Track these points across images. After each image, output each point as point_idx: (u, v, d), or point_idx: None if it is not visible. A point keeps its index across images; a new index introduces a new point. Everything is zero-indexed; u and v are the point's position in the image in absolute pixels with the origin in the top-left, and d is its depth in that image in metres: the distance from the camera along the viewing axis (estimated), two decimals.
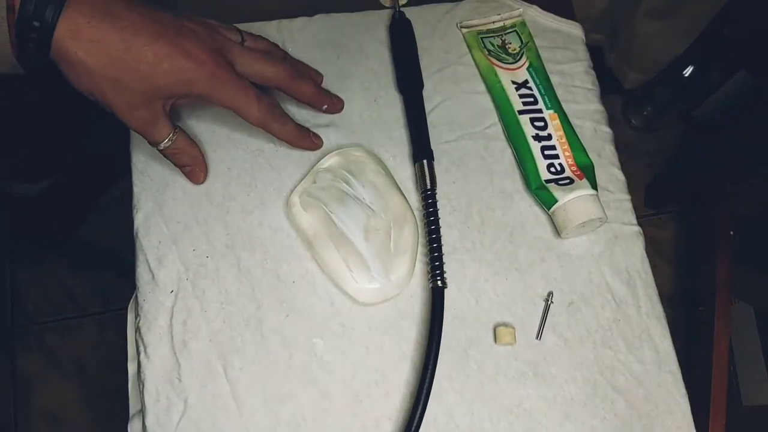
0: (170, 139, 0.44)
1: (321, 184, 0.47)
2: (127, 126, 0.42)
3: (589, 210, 0.47)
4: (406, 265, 0.47)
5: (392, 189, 0.48)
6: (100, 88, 0.39)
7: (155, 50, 0.39)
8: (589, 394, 0.46)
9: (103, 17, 0.37)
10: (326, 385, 0.44)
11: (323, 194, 0.47)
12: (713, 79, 1.14)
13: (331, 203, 0.46)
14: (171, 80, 0.40)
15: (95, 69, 0.38)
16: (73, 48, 0.37)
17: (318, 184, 0.47)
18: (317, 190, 0.47)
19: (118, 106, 0.40)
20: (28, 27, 0.35)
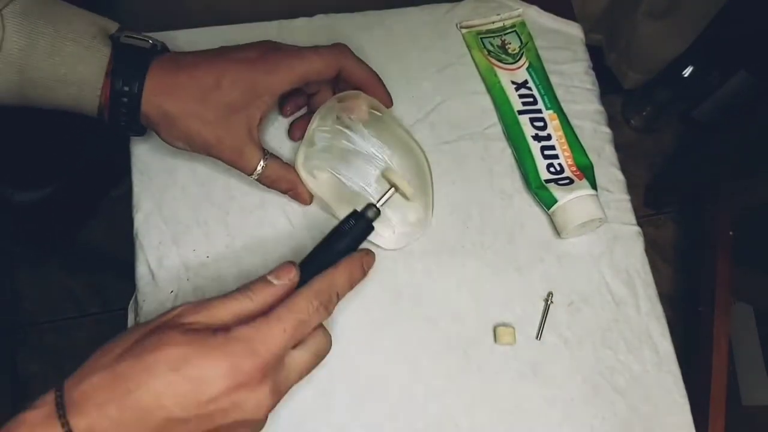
0: (263, 166, 0.44)
1: (320, 145, 0.46)
2: (222, 160, 0.44)
3: (589, 210, 0.47)
4: (424, 203, 0.47)
5: (392, 129, 0.47)
6: (186, 131, 0.42)
7: (218, 77, 0.42)
8: (589, 394, 0.46)
9: (176, 70, 0.42)
10: (327, 384, 0.44)
11: (326, 156, 0.46)
12: (713, 79, 1.14)
13: (336, 164, 0.46)
14: (237, 93, 0.42)
15: (176, 114, 0.41)
16: (155, 102, 0.41)
17: (317, 145, 0.46)
18: (318, 152, 0.46)
19: (207, 140, 0.42)
20: (119, 100, 0.41)
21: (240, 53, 0.43)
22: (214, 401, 0.31)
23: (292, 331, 0.33)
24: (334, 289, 0.36)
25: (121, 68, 0.41)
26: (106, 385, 0.31)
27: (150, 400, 0.30)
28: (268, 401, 0.32)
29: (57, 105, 0.41)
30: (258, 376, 0.32)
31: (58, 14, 0.39)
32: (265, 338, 0.32)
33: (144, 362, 0.31)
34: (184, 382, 0.31)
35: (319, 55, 0.44)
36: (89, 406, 0.30)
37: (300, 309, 0.34)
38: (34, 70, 0.39)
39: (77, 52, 0.39)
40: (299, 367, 0.35)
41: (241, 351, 0.31)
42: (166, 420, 0.31)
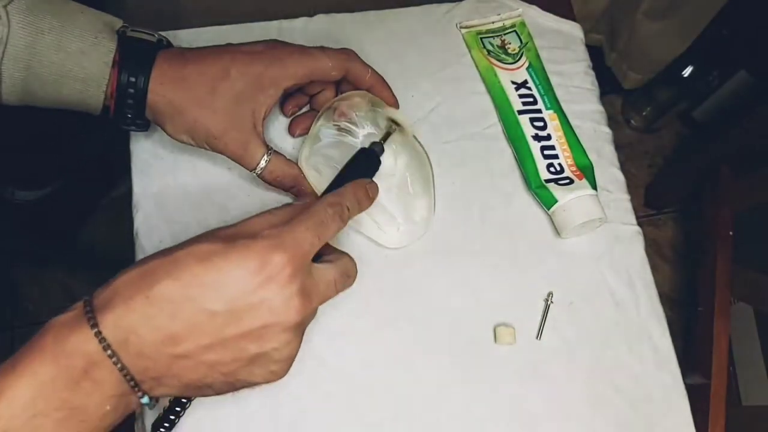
0: (266, 161, 0.44)
1: (326, 141, 0.47)
2: (225, 154, 0.44)
3: (589, 210, 0.47)
4: (427, 202, 0.47)
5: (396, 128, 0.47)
6: (192, 122, 0.42)
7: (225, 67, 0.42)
8: (589, 393, 0.46)
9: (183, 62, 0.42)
10: (328, 384, 0.44)
11: (331, 152, 0.46)
12: (713, 79, 1.14)
13: (343, 160, 0.46)
14: (244, 83, 0.42)
15: (182, 103, 0.42)
16: (162, 92, 0.41)
17: (323, 142, 0.47)
18: (324, 148, 0.46)
19: (212, 131, 0.42)
20: (125, 92, 0.41)
21: (247, 47, 0.43)
22: (243, 295, 0.31)
23: (314, 229, 0.34)
24: (344, 202, 0.37)
25: (127, 60, 0.41)
26: (134, 280, 0.31)
27: (177, 290, 0.30)
28: (297, 301, 0.32)
29: (61, 101, 0.41)
30: (287, 271, 0.31)
31: (62, 10, 0.40)
32: (290, 234, 0.33)
33: (173, 257, 0.31)
34: (212, 272, 0.30)
35: (326, 55, 0.44)
36: (116, 301, 0.30)
37: (317, 212, 0.35)
38: (39, 65, 0.39)
39: (83, 47, 0.39)
40: (327, 279, 0.35)
41: (268, 246, 0.31)
42: (195, 313, 0.30)
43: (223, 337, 0.31)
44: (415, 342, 0.46)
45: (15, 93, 0.40)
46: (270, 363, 0.33)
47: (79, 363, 0.29)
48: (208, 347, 0.31)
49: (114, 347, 0.30)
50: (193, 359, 0.31)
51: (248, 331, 0.31)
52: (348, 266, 0.37)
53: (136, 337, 0.30)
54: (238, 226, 0.34)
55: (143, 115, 0.43)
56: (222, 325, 0.31)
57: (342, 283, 0.36)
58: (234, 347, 0.31)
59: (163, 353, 0.31)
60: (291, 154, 0.49)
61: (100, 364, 0.30)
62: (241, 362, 0.32)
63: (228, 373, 0.32)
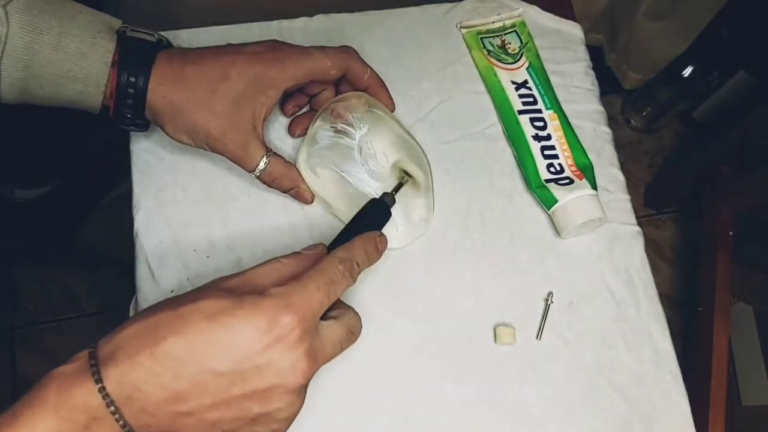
0: (265, 162, 0.44)
1: (323, 143, 0.47)
2: (225, 155, 0.44)
3: (589, 210, 0.47)
4: (426, 202, 0.47)
5: (393, 128, 0.47)
6: (192, 123, 0.42)
7: (225, 69, 0.42)
8: (589, 394, 0.46)
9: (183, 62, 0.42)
10: (327, 384, 0.44)
11: (329, 154, 0.46)
12: (713, 79, 1.14)
13: (340, 162, 0.46)
14: (244, 85, 0.42)
15: (182, 104, 0.41)
16: (161, 92, 0.41)
17: (321, 144, 0.47)
18: (322, 150, 0.46)
19: (212, 133, 0.42)
20: (125, 92, 0.41)
21: (247, 48, 0.43)
22: (250, 356, 0.30)
23: (325, 288, 0.33)
24: (354, 258, 0.36)
25: (127, 60, 0.41)
26: (139, 335, 0.30)
27: (183, 348, 0.30)
28: (303, 364, 0.31)
29: (61, 101, 0.41)
30: (295, 333, 0.31)
31: (62, 10, 0.39)
32: (300, 294, 0.32)
33: (179, 312, 0.31)
34: (220, 331, 0.30)
35: (326, 54, 0.44)
36: (121, 356, 0.30)
37: (328, 270, 0.34)
38: (38, 65, 0.39)
39: (81, 47, 0.39)
40: (334, 339, 0.34)
41: (277, 306, 0.31)
42: (200, 372, 0.30)
43: (228, 397, 0.31)
44: (415, 342, 0.46)
45: (14, 92, 0.40)
46: (272, 422, 0.33)
47: (82, 418, 0.29)
48: (211, 406, 0.31)
49: (117, 403, 0.29)
50: (195, 417, 0.31)
51: (253, 392, 0.31)
52: (353, 324, 0.36)
53: (140, 394, 0.30)
54: (245, 277, 0.33)
55: (143, 115, 0.43)
56: (227, 386, 0.30)
57: (347, 341, 0.35)
58: (238, 407, 0.31)
59: (166, 411, 0.30)
60: (290, 155, 0.49)
61: (102, 420, 0.29)
62: (244, 421, 0.32)
63: (229, 430, 0.32)
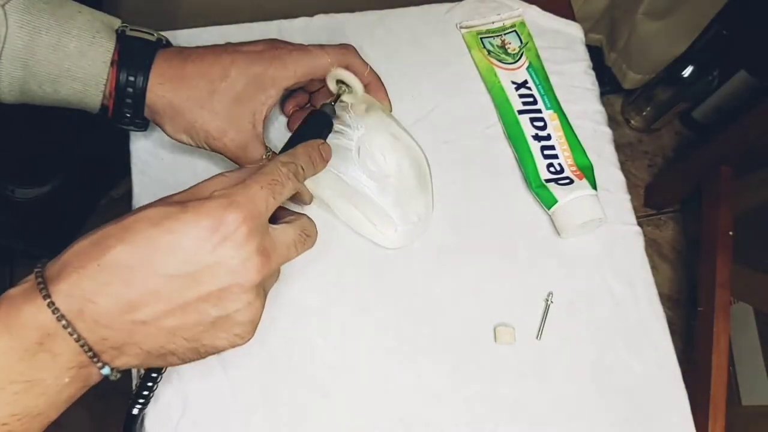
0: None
1: None
2: (224, 155, 0.44)
3: (589, 210, 0.47)
4: (425, 200, 0.47)
5: (390, 128, 0.47)
6: (191, 122, 0.42)
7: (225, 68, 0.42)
8: (589, 394, 0.45)
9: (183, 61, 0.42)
10: (328, 384, 0.44)
11: None
12: (713, 79, 1.14)
13: (337, 163, 0.46)
14: (244, 84, 0.42)
15: (182, 104, 0.41)
16: (161, 92, 0.41)
17: None
18: None
19: (211, 132, 0.42)
20: (124, 91, 0.41)
21: (247, 47, 0.43)
22: (199, 256, 0.30)
23: (269, 187, 0.33)
24: (297, 161, 0.36)
25: (126, 60, 0.41)
26: (85, 249, 0.30)
27: (130, 255, 0.29)
28: (255, 260, 0.31)
29: (60, 101, 0.41)
30: (242, 230, 0.31)
31: (61, 10, 0.39)
32: (243, 193, 0.32)
33: (123, 224, 0.30)
34: (166, 235, 0.30)
35: (325, 52, 0.44)
36: (68, 270, 0.29)
37: (271, 171, 0.34)
38: (38, 65, 0.39)
39: (80, 47, 0.39)
40: (287, 239, 0.34)
41: (221, 205, 0.31)
42: (150, 278, 0.30)
43: (183, 301, 0.30)
44: (415, 342, 0.46)
45: (13, 92, 0.40)
46: (234, 326, 0.32)
47: (33, 334, 0.29)
48: (167, 312, 0.30)
49: (68, 317, 0.29)
50: (153, 325, 0.30)
51: (207, 294, 0.31)
52: (306, 225, 0.36)
53: (92, 306, 0.29)
54: (191, 190, 0.33)
55: (142, 115, 0.43)
56: (180, 289, 0.30)
57: (302, 242, 0.35)
58: (194, 311, 0.31)
59: (121, 321, 0.30)
60: None
61: (56, 335, 0.29)
62: (204, 326, 0.31)
63: (191, 338, 0.32)
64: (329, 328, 0.46)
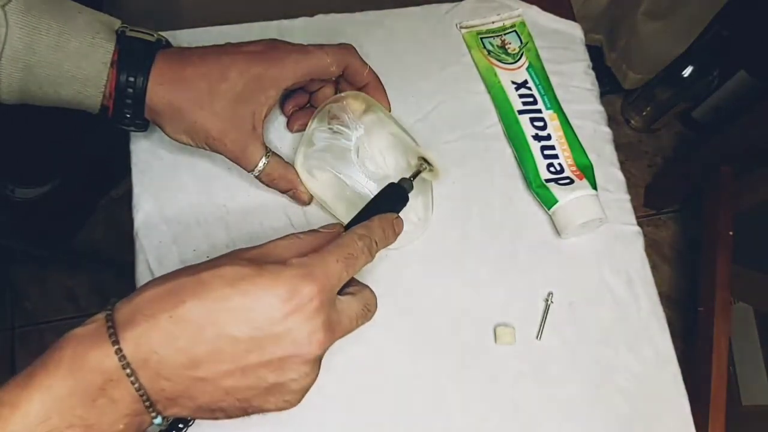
0: (264, 163, 0.44)
1: (320, 145, 0.46)
2: (224, 155, 0.44)
3: (590, 210, 0.47)
4: (424, 200, 0.47)
5: (390, 128, 0.47)
6: (191, 123, 0.42)
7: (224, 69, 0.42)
8: (589, 394, 0.46)
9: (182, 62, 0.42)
10: (328, 384, 0.44)
11: (326, 156, 0.46)
12: (713, 79, 1.14)
13: (336, 164, 0.46)
14: (243, 85, 0.42)
15: (182, 104, 0.41)
16: (161, 92, 0.41)
17: (317, 145, 0.46)
18: (318, 152, 0.46)
19: (211, 133, 0.42)
20: (124, 92, 0.41)
21: (246, 47, 0.43)
22: (269, 323, 0.30)
23: (344, 262, 0.33)
24: (373, 235, 0.36)
25: (126, 60, 0.41)
26: (158, 298, 0.30)
27: (202, 312, 0.30)
28: (321, 335, 0.31)
29: (60, 101, 0.41)
30: (314, 303, 0.31)
31: (61, 11, 0.39)
32: (320, 265, 0.32)
33: (199, 278, 0.30)
34: (240, 297, 0.30)
35: (325, 52, 0.44)
36: (139, 318, 0.29)
37: (348, 245, 0.34)
38: (38, 66, 0.39)
39: (81, 47, 0.39)
40: (350, 313, 0.34)
41: (298, 275, 0.31)
42: (218, 337, 0.30)
43: (244, 364, 0.31)
44: (415, 342, 0.46)
45: (13, 93, 0.40)
46: (286, 393, 0.33)
47: (97, 380, 0.29)
48: (227, 373, 0.31)
49: (133, 366, 0.29)
50: (211, 383, 0.31)
51: (269, 361, 0.31)
52: (370, 300, 0.36)
53: (157, 357, 0.29)
54: (265, 249, 0.33)
55: (142, 116, 0.43)
56: (244, 352, 0.30)
57: (363, 317, 0.35)
58: (253, 375, 0.31)
59: (181, 375, 0.30)
60: (289, 154, 0.49)
61: (118, 383, 0.29)
62: (258, 390, 0.32)
63: (243, 399, 0.32)
64: None
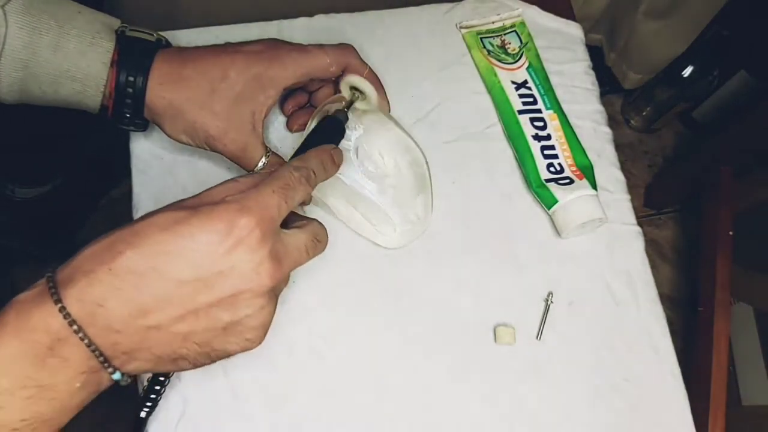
0: (264, 163, 0.44)
1: None
2: (224, 155, 0.44)
3: (590, 210, 0.47)
4: (424, 200, 0.47)
5: (389, 128, 0.47)
6: (191, 123, 0.42)
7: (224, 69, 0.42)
8: (589, 394, 0.45)
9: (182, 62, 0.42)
10: (328, 384, 0.44)
11: None
12: (713, 79, 1.14)
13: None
14: (243, 84, 0.42)
15: (182, 104, 0.41)
16: (161, 92, 0.41)
17: None
18: None
19: (211, 132, 0.42)
20: (123, 92, 0.41)
21: (246, 47, 0.43)
22: (211, 261, 0.30)
23: (281, 192, 0.32)
24: (309, 166, 0.36)
25: (126, 60, 0.41)
26: (95, 254, 0.30)
27: (141, 260, 0.29)
28: (268, 265, 0.31)
29: (59, 101, 0.41)
30: (255, 234, 0.30)
31: (60, 10, 0.39)
32: (255, 198, 0.31)
33: (134, 228, 0.30)
34: (177, 240, 0.29)
35: (325, 52, 0.44)
36: (79, 275, 0.29)
37: (283, 176, 0.33)
38: (37, 65, 0.39)
39: (80, 47, 0.39)
40: (298, 243, 0.34)
41: (234, 210, 0.30)
42: (162, 283, 0.29)
43: (194, 306, 0.30)
44: (415, 342, 0.46)
45: (13, 92, 0.40)
46: (245, 330, 0.32)
47: (44, 339, 0.28)
48: (179, 317, 0.30)
49: (79, 322, 0.29)
50: (164, 330, 0.30)
51: (219, 299, 0.30)
52: (318, 230, 0.36)
53: (103, 311, 0.29)
54: (201, 195, 0.33)
55: (142, 115, 0.43)
56: (192, 294, 0.30)
57: (313, 247, 0.35)
58: (206, 316, 0.31)
59: (132, 326, 0.30)
60: (289, 154, 0.49)
61: (66, 340, 0.29)
62: (215, 331, 0.31)
63: (202, 343, 0.31)
64: (329, 328, 0.46)
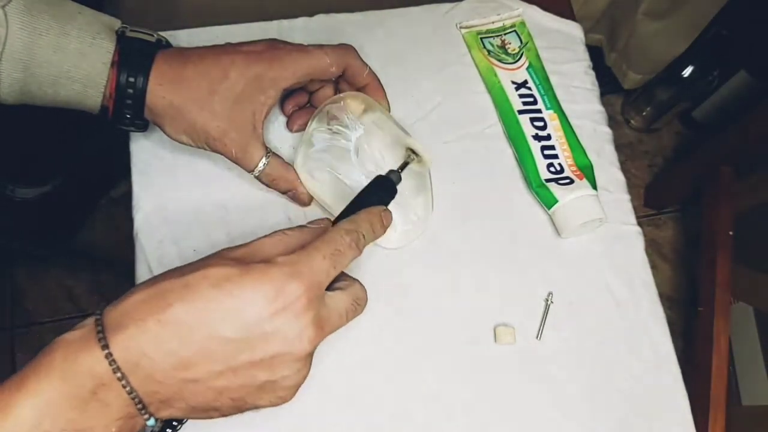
0: (264, 163, 0.44)
1: (319, 146, 0.46)
2: (224, 155, 0.44)
3: (590, 210, 0.47)
4: (424, 200, 0.47)
5: (389, 129, 0.47)
6: (191, 123, 0.42)
7: (225, 69, 0.42)
8: (589, 393, 0.46)
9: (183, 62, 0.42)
10: (328, 384, 0.44)
11: (325, 156, 0.46)
12: (713, 79, 1.14)
13: (336, 164, 0.46)
14: (244, 85, 0.42)
15: (182, 105, 0.41)
16: (161, 93, 0.41)
17: (317, 146, 0.46)
18: (318, 153, 0.46)
19: (211, 133, 0.42)
20: (124, 92, 0.41)
21: (246, 47, 0.43)
22: (257, 323, 0.30)
23: (331, 258, 0.33)
24: (359, 229, 0.36)
25: (126, 60, 0.41)
26: (146, 302, 0.30)
27: (190, 314, 0.30)
28: (310, 332, 0.31)
29: (60, 102, 0.41)
30: (302, 301, 0.31)
31: (61, 11, 0.39)
32: (306, 263, 0.32)
33: (185, 280, 0.31)
34: (226, 298, 0.30)
35: (325, 52, 0.44)
36: (128, 322, 0.30)
37: (334, 240, 0.34)
38: (38, 66, 0.39)
39: (81, 48, 0.39)
40: (340, 308, 0.34)
41: (284, 274, 0.31)
42: (207, 338, 0.30)
43: (235, 364, 0.31)
44: (415, 342, 0.46)
45: (13, 93, 0.40)
46: (278, 389, 0.33)
47: (88, 384, 0.29)
48: (219, 373, 0.31)
49: (123, 369, 0.29)
50: (203, 384, 0.31)
51: (260, 360, 0.31)
52: (359, 294, 0.36)
53: (147, 360, 0.29)
54: (251, 247, 0.33)
55: (142, 116, 0.43)
56: (234, 353, 0.31)
57: (353, 311, 0.35)
58: (245, 374, 0.31)
59: (173, 377, 0.30)
60: (289, 154, 0.49)
61: (109, 386, 0.29)
62: (250, 389, 0.32)
63: (237, 398, 0.32)
64: None
